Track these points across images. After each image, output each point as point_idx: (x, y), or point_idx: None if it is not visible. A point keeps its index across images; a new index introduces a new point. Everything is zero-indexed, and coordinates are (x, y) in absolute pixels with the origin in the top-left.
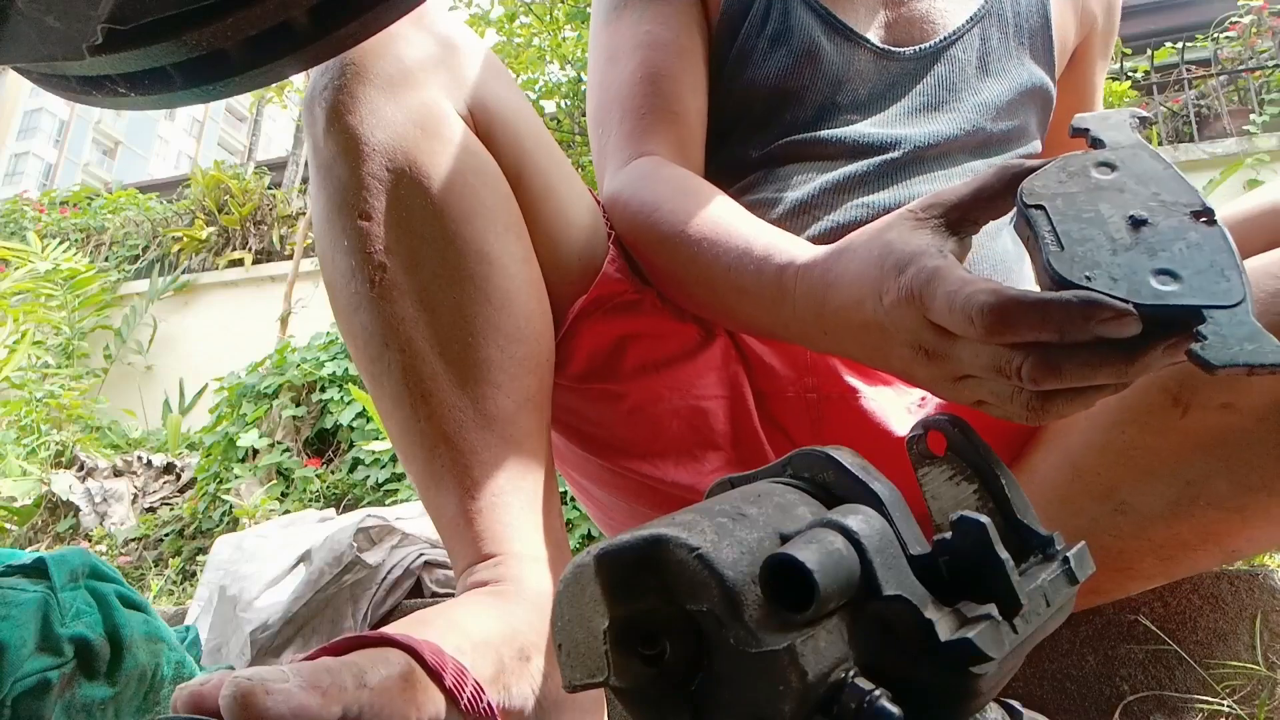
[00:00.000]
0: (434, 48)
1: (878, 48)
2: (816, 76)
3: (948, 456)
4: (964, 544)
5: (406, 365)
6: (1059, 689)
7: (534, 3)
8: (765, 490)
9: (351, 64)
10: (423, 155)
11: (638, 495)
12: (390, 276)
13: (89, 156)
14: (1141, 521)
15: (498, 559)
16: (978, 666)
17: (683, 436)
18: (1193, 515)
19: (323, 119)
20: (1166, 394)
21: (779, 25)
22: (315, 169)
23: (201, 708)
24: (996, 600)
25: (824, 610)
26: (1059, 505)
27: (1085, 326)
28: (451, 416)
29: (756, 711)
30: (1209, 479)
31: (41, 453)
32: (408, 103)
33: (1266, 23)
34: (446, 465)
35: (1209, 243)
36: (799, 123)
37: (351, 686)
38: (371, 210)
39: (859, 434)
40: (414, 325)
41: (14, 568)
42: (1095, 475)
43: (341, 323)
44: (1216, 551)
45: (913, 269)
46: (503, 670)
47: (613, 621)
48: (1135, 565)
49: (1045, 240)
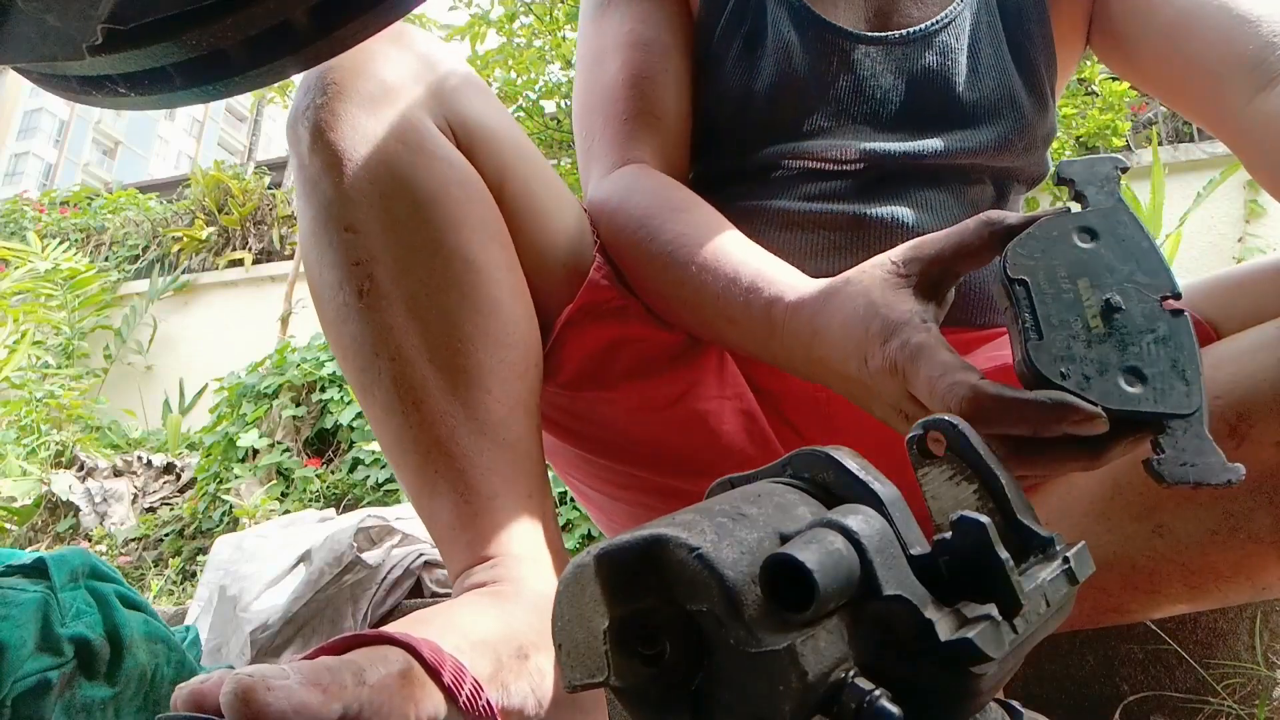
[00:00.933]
0: (414, 65)
1: (856, 35)
2: (792, 76)
3: (948, 456)
4: (964, 544)
5: (397, 373)
6: (1059, 689)
7: (534, 3)
8: (765, 490)
9: (333, 83)
10: (406, 168)
11: (642, 492)
12: (377, 286)
13: (89, 156)
14: (1178, 546)
15: (494, 560)
16: (978, 666)
17: (686, 440)
18: (1230, 546)
19: (307, 137)
20: (1225, 424)
21: (754, 24)
22: (300, 185)
23: (202, 706)
24: (996, 600)
25: (824, 610)
26: (1095, 519)
27: (1058, 426)
28: (443, 422)
29: (756, 712)
30: (1252, 512)
31: (41, 453)
32: (389, 118)
33: None
34: (440, 470)
35: (1175, 337)
36: (777, 125)
37: (351, 684)
38: (357, 222)
39: (870, 432)
40: (403, 333)
41: (14, 568)
42: (1137, 494)
43: (330, 334)
44: (1247, 585)
45: (896, 341)
46: (501, 668)
47: (612, 621)
48: (1164, 589)
49: (1026, 325)
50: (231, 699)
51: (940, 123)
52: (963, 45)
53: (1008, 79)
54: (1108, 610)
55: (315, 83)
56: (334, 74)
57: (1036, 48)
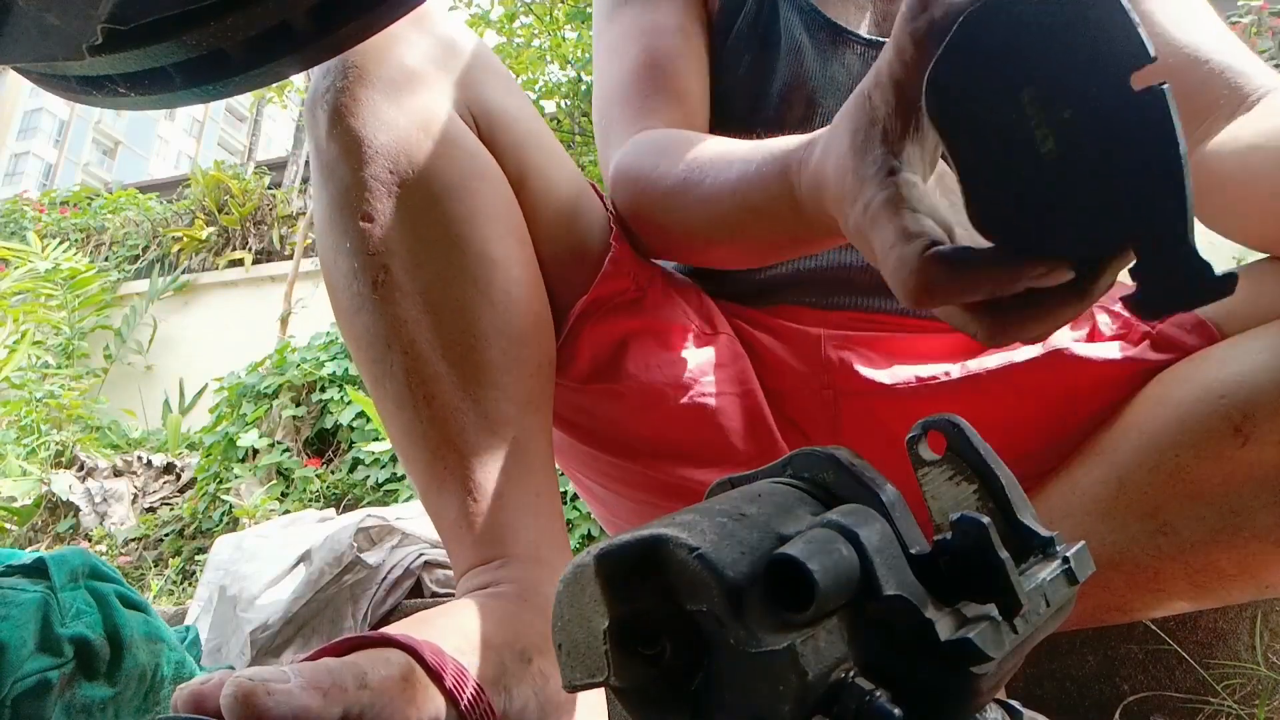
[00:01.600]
0: (435, 50)
1: (865, 39)
2: (804, 77)
3: (948, 456)
4: (964, 544)
5: (409, 367)
6: (1059, 689)
7: (534, 3)
8: (765, 490)
9: (354, 67)
10: (425, 157)
11: (648, 489)
12: (392, 278)
13: (89, 156)
14: (1182, 544)
15: (499, 561)
16: (978, 666)
17: (692, 435)
18: (1234, 545)
19: (325, 121)
20: (1229, 423)
21: (767, 26)
22: (317, 171)
23: (202, 708)
24: (997, 600)
25: (824, 611)
26: (1100, 518)
27: (1016, 285)
28: (454, 419)
29: (756, 712)
30: (1255, 511)
31: (41, 453)
32: (409, 105)
33: (1266, 23)
34: (449, 468)
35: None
36: (788, 123)
37: (352, 687)
38: (374, 212)
39: (878, 431)
40: (416, 327)
41: (14, 568)
42: (1141, 493)
43: (343, 324)
44: (1251, 584)
45: (859, 205)
46: (504, 672)
47: (613, 621)
48: (1168, 587)
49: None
50: (232, 702)
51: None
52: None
53: None
54: (1111, 609)
55: (336, 65)
56: (354, 57)
57: None
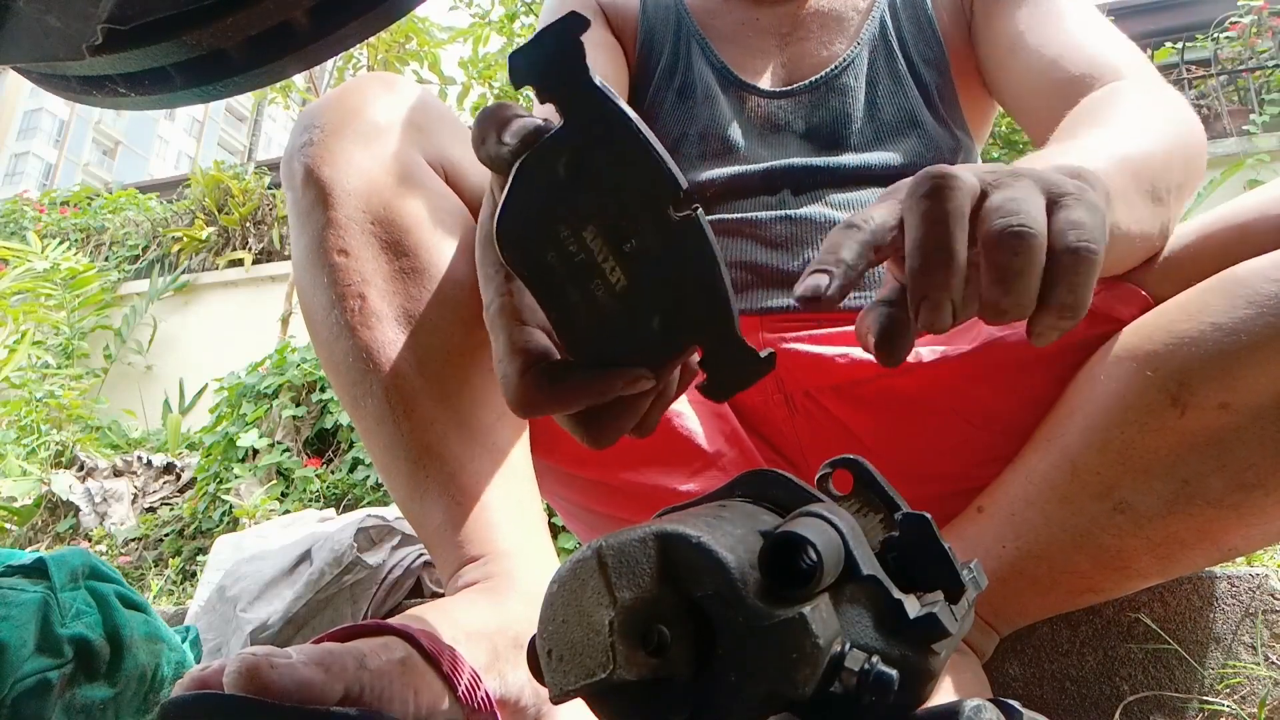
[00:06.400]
0: (404, 109)
1: (769, 92)
2: (720, 121)
3: (856, 490)
4: (910, 537)
5: (389, 384)
6: (1059, 689)
7: (534, 2)
8: (728, 503)
9: (328, 123)
10: (396, 197)
11: (630, 506)
12: (369, 304)
13: (89, 156)
14: (1139, 520)
15: (485, 558)
16: (936, 644)
17: (663, 444)
18: (1190, 513)
19: (300, 172)
20: (1166, 394)
21: (684, 78)
22: (295, 217)
23: (206, 687)
24: (942, 587)
25: (822, 585)
26: (1058, 504)
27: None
28: (434, 429)
29: (770, 687)
30: (1205, 477)
31: (41, 453)
32: (380, 153)
33: (1266, 23)
34: (431, 474)
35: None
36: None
37: (353, 668)
38: (349, 246)
39: (842, 443)
40: (393, 347)
41: (14, 568)
42: (1094, 474)
43: (323, 354)
44: (1213, 549)
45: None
46: (497, 658)
47: (619, 610)
48: (1133, 564)
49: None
50: (236, 676)
51: (849, 148)
52: (860, 83)
53: (908, 103)
54: (1083, 591)
55: (310, 122)
56: (328, 115)
57: (932, 70)
